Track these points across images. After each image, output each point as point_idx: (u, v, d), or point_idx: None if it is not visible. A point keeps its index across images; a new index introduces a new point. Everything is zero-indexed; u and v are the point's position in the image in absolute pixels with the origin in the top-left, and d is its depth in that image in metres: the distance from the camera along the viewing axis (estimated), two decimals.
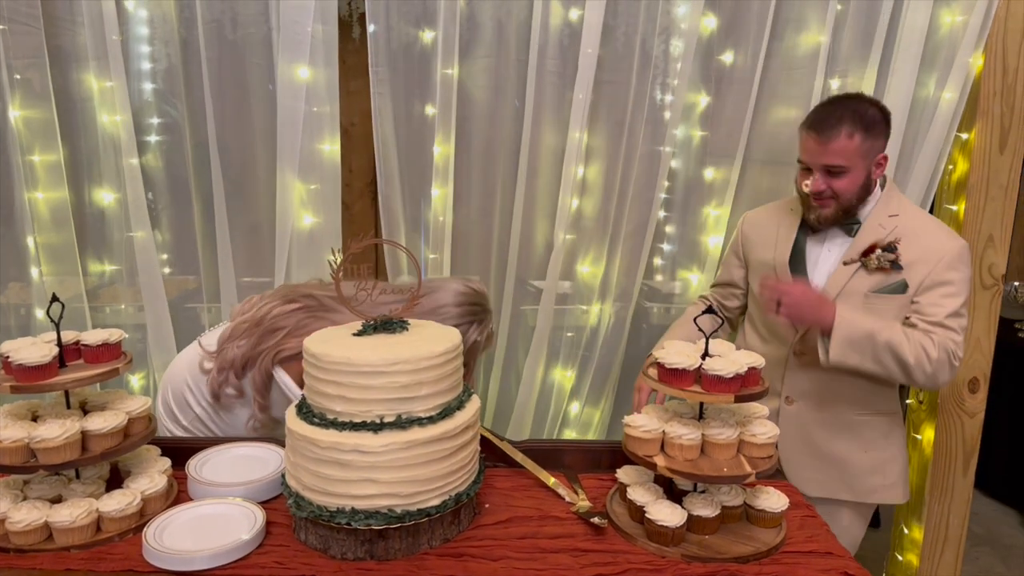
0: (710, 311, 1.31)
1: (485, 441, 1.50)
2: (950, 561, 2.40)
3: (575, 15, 2.08)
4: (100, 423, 1.26)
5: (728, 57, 2.17)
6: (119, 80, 2.03)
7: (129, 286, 2.22)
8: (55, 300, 1.29)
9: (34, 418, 1.30)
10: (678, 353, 1.28)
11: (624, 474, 1.40)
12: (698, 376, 1.27)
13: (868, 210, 1.81)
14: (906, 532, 2.46)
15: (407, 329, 1.33)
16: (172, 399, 1.70)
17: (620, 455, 1.36)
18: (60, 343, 1.29)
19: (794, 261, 1.87)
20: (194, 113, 2.13)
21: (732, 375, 1.23)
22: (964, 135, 2.20)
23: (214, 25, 2.05)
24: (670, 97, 2.18)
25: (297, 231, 2.17)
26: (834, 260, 1.82)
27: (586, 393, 2.35)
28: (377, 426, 1.18)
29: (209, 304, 2.25)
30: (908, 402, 2.45)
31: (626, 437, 1.33)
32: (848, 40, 2.13)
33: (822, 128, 1.70)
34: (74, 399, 1.35)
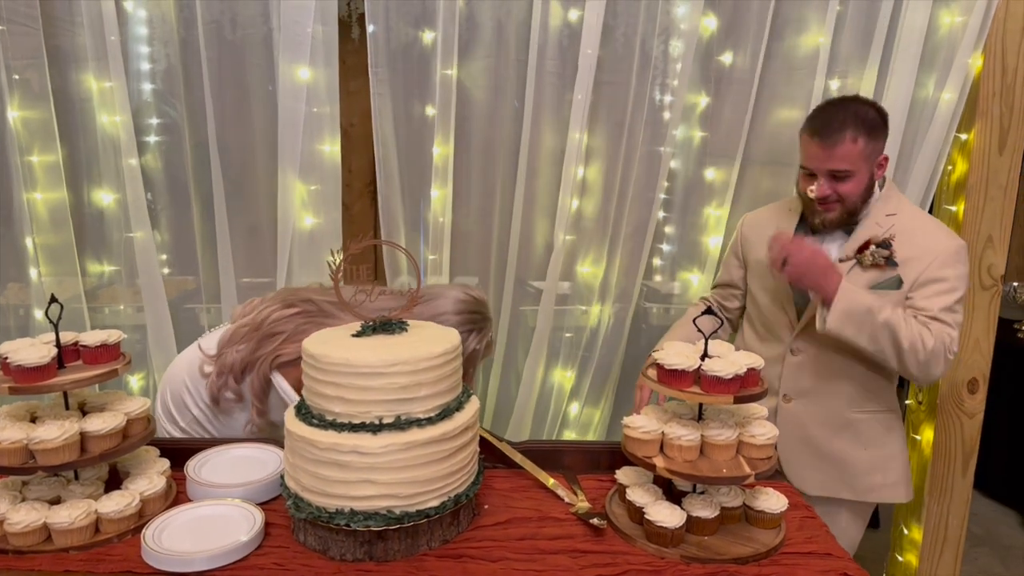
0: (710, 312, 1.31)
1: (484, 442, 1.50)
2: (949, 561, 2.40)
3: (574, 15, 2.08)
4: (99, 424, 1.26)
5: (728, 58, 2.17)
6: (119, 81, 2.03)
7: (128, 287, 2.22)
8: (54, 301, 1.29)
9: (33, 419, 1.30)
10: (677, 354, 1.28)
11: (623, 475, 1.40)
12: (697, 377, 1.27)
13: (867, 210, 1.81)
14: (905, 532, 2.46)
15: (406, 330, 1.33)
16: (170, 401, 1.70)
17: (619, 456, 1.36)
18: (59, 344, 1.29)
19: None
20: (193, 113, 2.13)
21: (731, 376, 1.23)
22: (963, 136, 2.20)
23: (213, 26, 2.05)
24: (670, 98, 2.18)
25: (298, 232, 2.17)
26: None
27: (586, 394, 2.35)
28: (376, 427, 1.18)
29: (208, 304, 2.25)
30: (907, 402, 2.45)
31: (625, 438, 1.33)
32: (848, 41, 2.13)
33: (826, 133, 1.70)
34: (73, 400, 1.35)
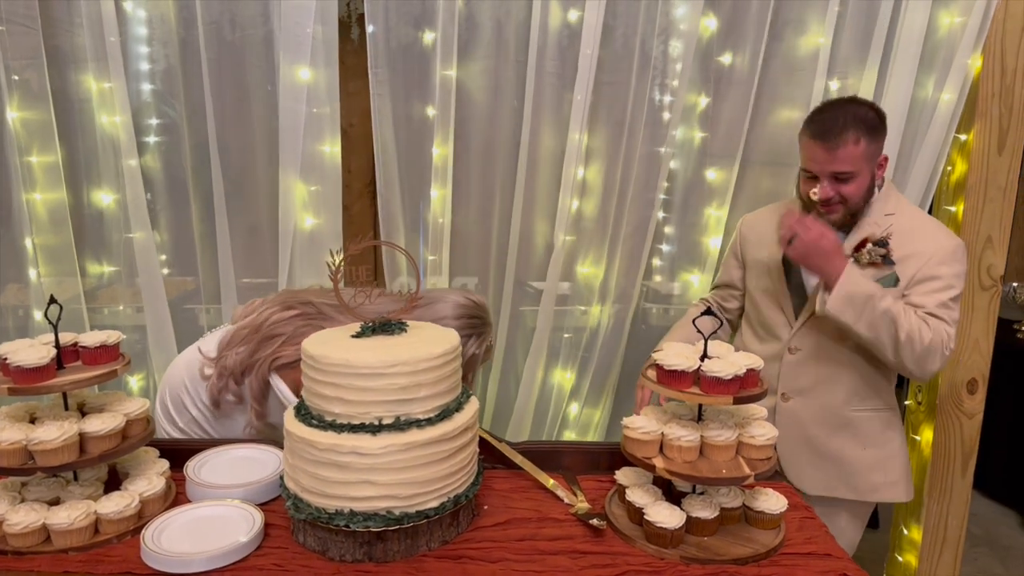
0: (709, 313, 1.31)
1: (484, 443, 1.50)
2: (949, 562, 2.40)
3: (574, 16, 2.08)
4: (98, 425, 1.26)
5: (727, 58, 2.17)
6: (118, 81, 2.03)
7: (127, 287, 2.22)
8: (53, 302, 1.29)
9: (32, 420, 1.30)
10: (677, 355, 1.28)
11: (623, 476, 1.40)
12: (697, 378, 1.27)
13: (866, 210, 1.81)
14: (905, 533, 2.46)
15: (405, 331, 1.33)
16: (169, 401, 1.70)
17: (619, 457, 1.36)
18: (58, 345, 1.29)
19: (788, 260, 1.88)
20: (193, 114, 2.13)
21: (731, 377, 1.23)
22: (963, 136, 2.20)
23: (213, 26, 2.05)
24: (669, 98, 2.18)
25: (299, 232, 2.17)
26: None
27: (585, 394, 2.35)
28: (375, 428, 1.17)
29: (208, 305, 2.24)
30: (907, 403, 2.45)
31: (625, 439, 1.33)
32: (847, 41, 2.13)
33: (828, 136, 1.70)
34: (72, 401, 1.35)
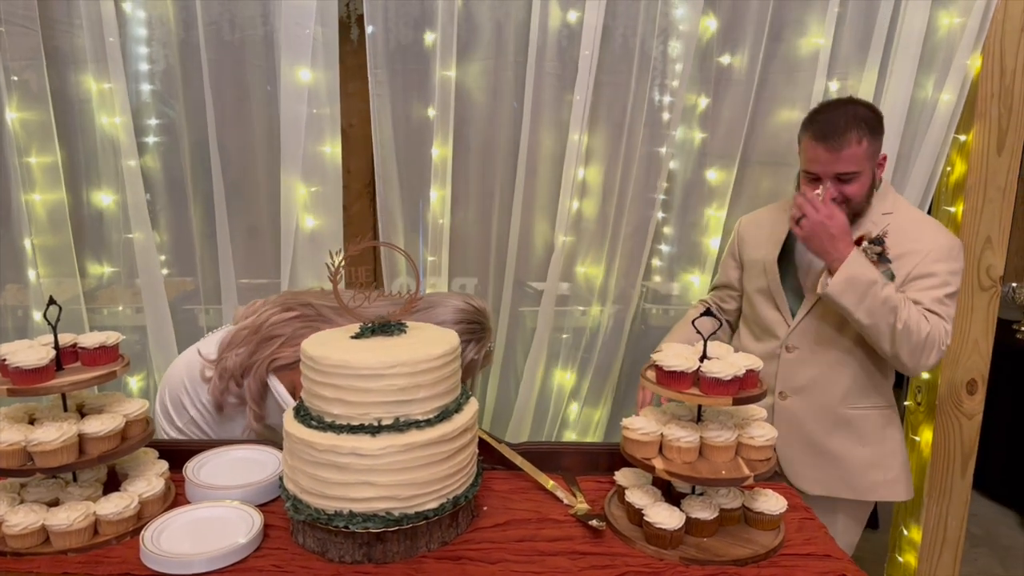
0: (708, 313, 1.31)
1: (483, 443, 1.50)
2: (948, 562, 2.41)
3: (573, 16, 2.08)
4: (97, 426, 1.25)
5: (727, 59, 2.17)
6: (118, 82, 2.03)
7: (127, 288, 2.22)
8: (52, 303, 1.29)
9: (31, 421, 1.30)
10: (676, 356, 1.28)
11: (622, 476, 1.40)
12: (696, 379, 1.27)
13: (865, 209, 1.81)
14: (905, 533, 2.46)
15: (405, 332, 1.32)
16: (169, 402, 1.70)
17: (618, 457, 1.36)
18: (57, 346, 1.29)
19: (784, 259, 1.89)
20: (192, 114, 2.13)
21: (730, 378, 1.22)
22: (962, 137, 2.20)
23: (212, 27, 2.05)
24: (669, 98, 2.18)
25: (301, 233, 2.17)
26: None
27: (585, 395, 2.35)
28: (375, 429, 1.17)
29: (207, 306, 2.24)
30: (906, 404, 2.45)
31: (624, 439, 1.33)
32: (847, 42, 2.13)
33: (831, 137, 1.70)
34: (71, 402, 1.35)
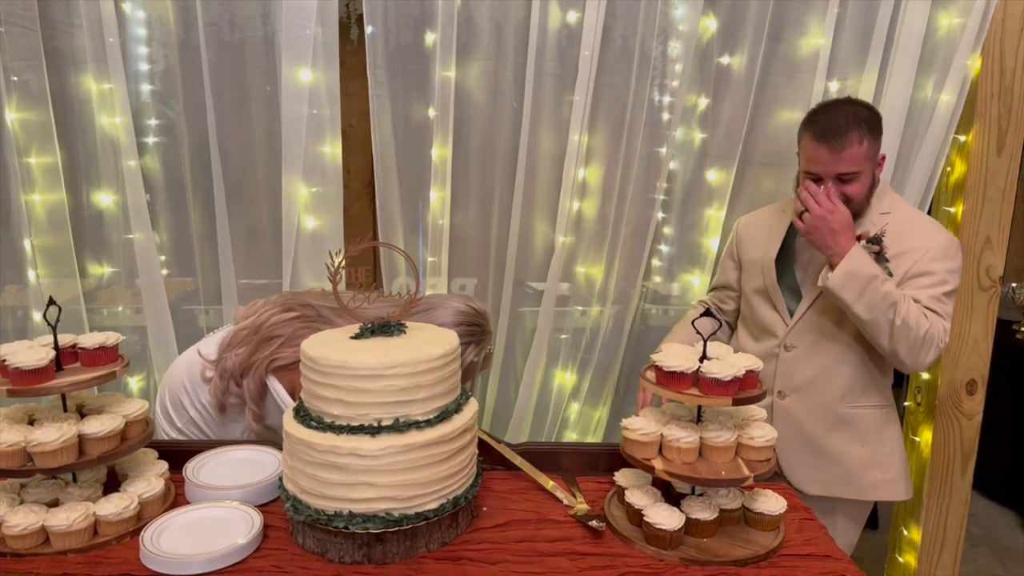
0: (708, 314, 1.31)
1: (483, 444, 1.50)
2: (948, 562, 2.41)
3: (573, 17, 2.08)
4: (97, 426, 1.25)
5: (727, 59, 2.17)
6: (118, 82, 2.03)
7: (127, 288, 2.22)
8: (52, 303, 1.29)
9: (31, 422, 1.30)
10: (676, 356, 1.28)
11: (622, 477, 1.40)
12: (696, 379, 1.27)
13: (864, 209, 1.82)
14: (904, 533, 2.46)
15: (404, 332, 1.32)
16: (168, 402, 1.70)
17: (618, 458, 1.36)
18: (57, 346, 1.29)
19: (782, 259, 1.89)
20: (192, 114, 2.13)
21: (730, 378, 1.22)
22: (962, 137, 2.20)
23: (212, 28, 2.05)
24: (669, 99, 2.18)
25: (302, 233, 2.17)
26: (825, 258, 1.83)
27: (585, 395, 2.35)
28: (375, 429, 1.17)
29: (207, 306, 2.24)
30: (906, 404, 2.45)
31: (624, 440, 1.33)
32: (847, 42, 2.13)
33: (832, 137, 1.70)
34: (71, 402, 1.35)
